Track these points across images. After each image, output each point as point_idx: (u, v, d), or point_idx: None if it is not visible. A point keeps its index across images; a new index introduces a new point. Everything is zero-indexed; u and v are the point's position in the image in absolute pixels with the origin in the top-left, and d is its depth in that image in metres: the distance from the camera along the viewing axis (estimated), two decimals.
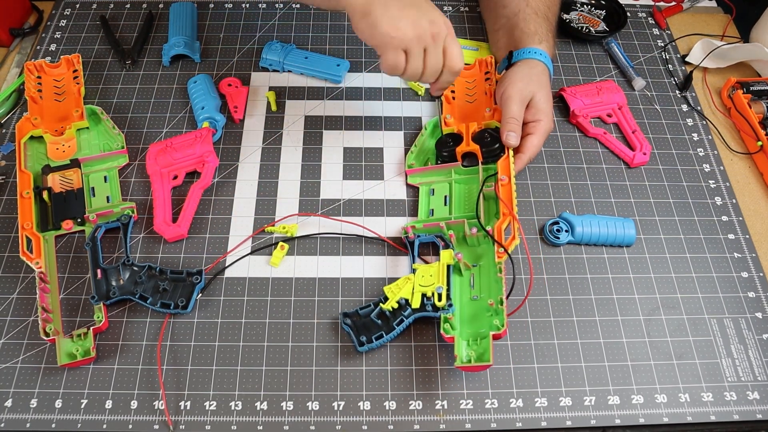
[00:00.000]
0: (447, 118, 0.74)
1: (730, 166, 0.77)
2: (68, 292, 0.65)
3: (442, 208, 0.70)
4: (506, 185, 0.66)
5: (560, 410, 0.59)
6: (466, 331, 0.60)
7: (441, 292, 0.61)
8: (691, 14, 0.95)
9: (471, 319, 0.61)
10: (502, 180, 0.66)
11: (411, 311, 0.61)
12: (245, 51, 0.86)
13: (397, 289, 0.62)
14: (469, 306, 0.62)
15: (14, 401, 0.58)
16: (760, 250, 0.70)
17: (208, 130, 0.74)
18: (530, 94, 0.71)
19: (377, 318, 0.61)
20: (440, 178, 0.72)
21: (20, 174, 0.68)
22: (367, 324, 0.61)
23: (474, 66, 0.80)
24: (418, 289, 0.62)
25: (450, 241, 0.66)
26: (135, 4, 0.91)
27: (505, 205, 0.65)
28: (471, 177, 0.71)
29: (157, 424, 0.57)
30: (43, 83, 0.78)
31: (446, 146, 0.72)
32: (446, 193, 0.71)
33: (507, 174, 0.67)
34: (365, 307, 0.62)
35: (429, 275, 0.62)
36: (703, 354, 0.63)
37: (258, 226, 0.69)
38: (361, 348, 0.60)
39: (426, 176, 0.73)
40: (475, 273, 0.64)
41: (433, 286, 0.61)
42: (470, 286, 0.63)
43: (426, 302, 0.61)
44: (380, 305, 0.61)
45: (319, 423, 0.58)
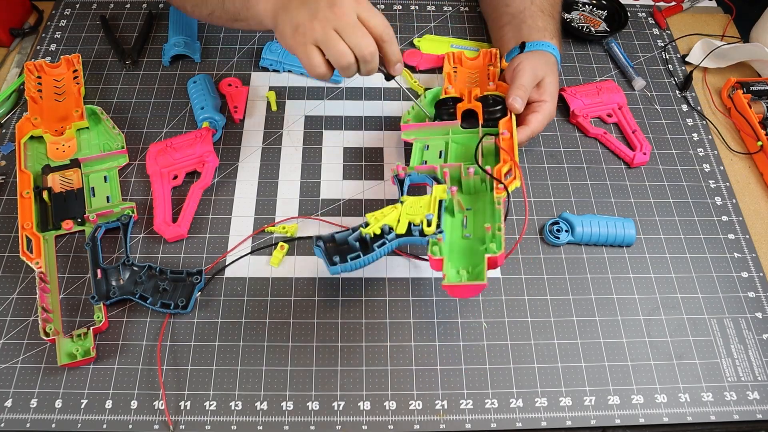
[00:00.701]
0: (448, 89, 0.73)
1: (730, 166, 0.77)
2: (68, 292, 0.65)
3: (436, 160, 0.67)
4: (507, 139, 0.64)
5: (560, 410, 0.59)
6: (456, 262, 0.57)
7: (431, 219, 0.56)
8: (691, 14, 0.95)
9: (462, 252, 0.58)
10: (503, 134, 0.65)
11: (395, 235, 0.56)
12: (245, 51, 0.86)
13: (381, 216, 0.57)
14: (460, 242, 0.59)
15: (14, 401, 0.58)
16: (760, 250, 0.70)
17: (208, 130, 0.74)
18: (542, 74, 0.71)
19: (355, 241, 0.56)
20: (437, 135, 0.70)
21: (20, 174, 0.68)
22: (342, 250, 0.56)
23: (478, 57, 0.79)
24: (405, 217, 0.57)
25: (444, 179, 0.62)
26: (135, 4, 0.91)
27: (507, 152, 0.62)
28: (468, 137, 0.69)
29: (157, 424, 0.57)
30: (43, 83, 0.78)
31: (446, 105, 0.70)
32: (441, 148, 0.68)
33: (508, 129, 0.65)
34: (341, 231, 0.57)
35: (419, 206, 0.58)
36: (703, 354, 0.63)
37: (258, 226, 0.69)
38: (332, 268, 0.55)
39: (422, 132, 0.70)
40: (468, 216, 0.61)
41: (422, 214, 0.57)
42: (463, 226, 0.60)
43: (413, 228, 0.56)
44: (360, 229, 0.56)
45: (319, 423, 0.58)
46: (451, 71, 0.78)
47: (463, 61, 0.79)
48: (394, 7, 0.92)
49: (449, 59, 0.80)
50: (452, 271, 0.55)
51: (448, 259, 0.56)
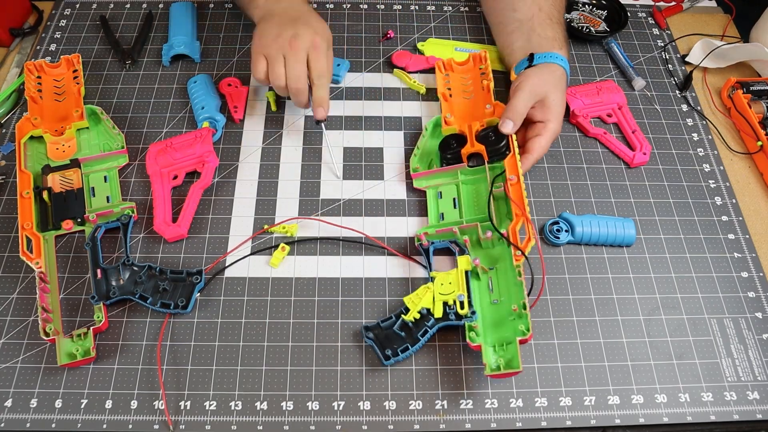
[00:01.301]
0: (447, 117, 0.73)
1: (730, 166, 0.77)
2: (68, 292, 0.65)
3: (452, 212, 0.69)
4: (515, 185, 0.66)
5: (560, 410, 0.59)
6: (491, 337, 0.60)
7: (463, 300, 0.60)
8: (691, 14, 0.95)
9: (494, 324, 0.61)
10: (511, 180, 0.66)
11: (434, 321, 0.60)
12: (245, 51, 0.86)
13: (417, 299, 0.61)
14: (490, 310, 0.62)
15: (14, 401, 0.58)
16: (760, 250, 0.70)
17: (208, 130, 0.74)
18: (544, 93, 0.71)
19: (400, 330, 0.61)
20: (447, 180, 0.71)
21: (20, 174, 0.68)
22: (390, 336, 0.61)
23: (468, 61, 0.79)
24: (439, 298, 0.61)
25: (465, 246, 0.65)
26: (135, 4, 0.91)
27: (517, 205, 0.64)
28: (478, 177, 0.70)
29: (157, 424, 0.57)
30: (43, 83, 0.78)
31: (450, 148, 0.71)
32: (454, 195, 0.70)
33: (515, 173, 0.66)
34: (387, 320, 0.62)
35: (448, 282, 0.62)
36: (703, 354, 0.63)
37: (258, 226, 0.69)
38: (387, 362, 0.59)
39: (432, 179, 0.72)
40: (492, 276, 0.64)
41: (453, 294, 0.61)
42: (489, 289, 0.63)
43: (448, 311, 0.61)
44: (402, 317, 0.61)
45: (319, 423, 0.58)
46: (445, 90, 0.78)
47: (453, 67, 0.80)
48: (394, 7, 0.92)
49: (440, 68, 0.80)
50: (492, 358, 0.58)
51: (484, 341, 0.59)
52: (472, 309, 0.60)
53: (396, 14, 0.91)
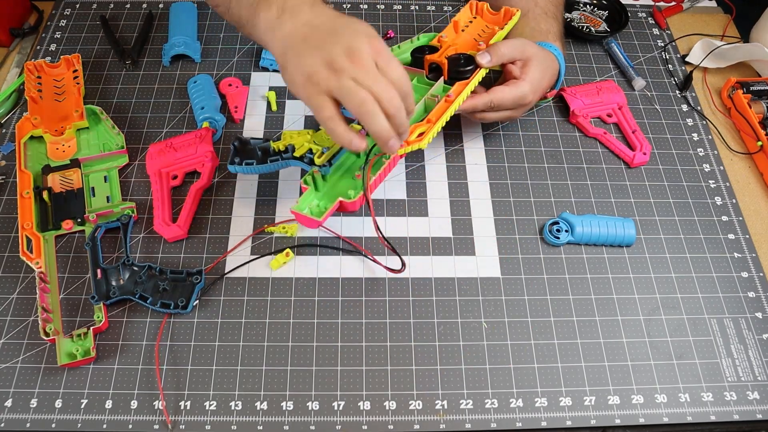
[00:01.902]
0: (442, 37, 0.72)
1: (730, 166, 0.77)
2: (68, 292, 0.65)
3: None
4: (449, 102, 0.64)
5: (560, 410, 0.59)
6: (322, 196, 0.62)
7: (325, 153, 0.62)
8: (691, 14, 0.95)
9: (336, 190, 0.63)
10: (448, 96, 0.64)
11: (291, 156, 0.63)
12: (245, 51, 0.86)
13: (294, 135, 0.64)
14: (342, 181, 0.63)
15: (14, 401, 0.58)
16: (760, 250, 0.70)
17: (208, 130, 0.74)
18: (530, 55, 0.69)
19: (259, 150, 0.64)
20: None
21: (20, 174, 0.68)
22: (249, 153, 0.65)
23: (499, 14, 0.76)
24: (309, 144, 0.63)
25: None
26: (135, 4, 0.91)
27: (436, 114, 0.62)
28: (427, 90, 0.68)
29: (157, 424, 0.57)
30: (43, 83, 0.78)
31: (420, 52, 0.71)
32: None
33: (455, 93, 0.65)
34: (258, 138, 0.66)
35: (327, 139, 0.64)
36: (703, 354, 0.63)
37: (258, 226, 0.69)
38: (230, 167, 0.64)
39: None
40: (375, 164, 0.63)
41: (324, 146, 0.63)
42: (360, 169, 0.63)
43: (308, 155, 0.63)
44: (270, 141, 0.64)
45: (319, 423, 0.58)
46: (466, 21, 0.75)
47: (484, 13, 0.77)
48: (394, 7, 0.92)
49: (471, 7, 0.77)
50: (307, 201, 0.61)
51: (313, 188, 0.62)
52: (330, 162, 0.62)
53: (396, 14, 0.91)
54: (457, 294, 0.65)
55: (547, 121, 0.80)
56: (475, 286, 0.66)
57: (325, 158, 0.61)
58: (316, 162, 0.61)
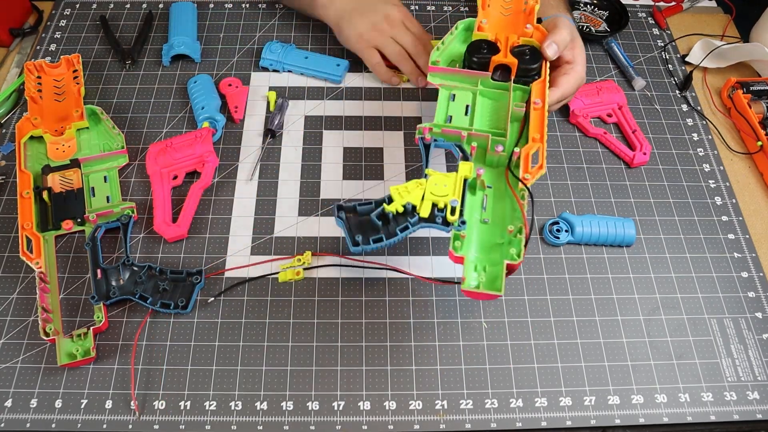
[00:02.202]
0: (482, 23, 0.67)
1: (730, 166, 0.77)
2: (68, 292, 0.65)
3: (462, 117, 0.64)
4: (539, 109, 0.61)
5: (560, 410, 0.59)
6: (475, 255, 0.55)
7: (456, 206, 0.54)
8: (691, 14, 0.95)
9: (481, 243, 0.56)
10: (535, 104, 0.61)
11: (418, 219, 0.54)
12: (245, 51, 0.86)
13: (405, 192, 0.55)
14: (478, 229, 0.57)
15: (14, 401, 0.58)
16: (760, 250, 0.70)
17: (208, 130, 0.74)
18: (576, 35, 0.71)
19: (377, 218, 0.54)
20: (465, 84, 0.66)
21: (20, 174, 0.68)
22: (364, 223, 0.55)
23: None
24: (429, 197, 0.55)
25: (470, 154, 0.60)
26: (135, 4, 0.91)
27: (536, 130, 0.59)
28: (498, 92, 0.65)
29: (157, 424, 0.57)
30: (43, 83, 0.78)
31: (479, 52, 0.65)
32: (468, 102, 0.65)
33: (541, 98, 0.62)
34: (365, 204, 0.55)
35: (443, 185, 0.55)
36: (703, 354, 0.63)
37: (258, 226, 0.69)
38: (354, 248, 0.54)
39: (449, 78, 0.66)
40: (489, 194, 0.59)
41: (446, 197, 0.54)
42: (482, 207, 0.58)
43: (437, 213, 0.54)
44: (383, 205, 0.54)
45: (319, 423, 0.58)
46: None
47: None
48: None
49: None
50: (472, 274, 0.53)
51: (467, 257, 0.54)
52: (463, 218, 0.54)
53: None
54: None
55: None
56: None
57: (458, 214, 0.54)
58: (450, 220, 0.53)
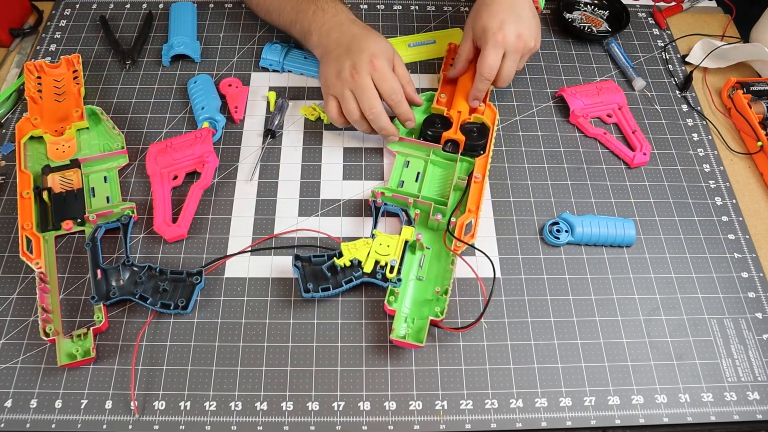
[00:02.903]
0: (441, 97, 0.77)
1: (730, 167, 0.77)
2: (68, 292, 0.65)
3: (412, 183, 0.72)
4: (478, 183, 0.69)
5: (560, 410, 0.59)
6: (409, 309, 0.63)
7: (394, 265, 0.63)
8: (691, 14, 0.95)
9: (414, 299, 0.64)
10: (476, 178, 0.70)
11: (362, 273, 0.63)
12: (245, 51, 0.86)
13: (354, 249, 0.64)
14: (414, 285, 0.65)
15: (14, 401, 0.58)
16: (760, 251, 0.70)
17: (208, 130, 0.74)
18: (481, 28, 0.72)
19: (328, 270, 0.63)
20: (419, 153, 0.74)
21: (20, 174, 0.68)
22: (316, 273, 0.64)
23: None
24: (374, 255, 0.63)
25: (413, 219, 0.68)
26: (135, 4, 0.91)
27: (473, 203, 0.68)
28: (447, 163, 0.73)
29: (157, 424, 0.57)
30: (43, 83, 0.78)
31: (433, 126, 0.74)
32: (420, 169, 0.73)
33: (482, 173, 0.70)
34: (319, 256, 0.64)
35: (387, 245, 0.64)
36: (703, 354, 0.63)
37: (258, 226, 0.69)
38: (305, 294, 0.62)
39: (406, 147, 0.74)
40: (426, 255, 0.67)
41: (388, 257, 0.63)
42: (419, 266, 0.66)
43: (378, 270, 0.63)
44: (333, 259, 0.63)
45: (319, 423, 0.58)
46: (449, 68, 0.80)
47: None
48: (394, 7, 0.92)
49: (450, 52, 0.84)
50: (402, 325, 0.61)
51: (399, 308, 0.62)
52: (399, 276, 0.63)
53: (396, 14, 0.91)
54: (457, 294, 0.65)
55: (547, 121, 0.80)
56: (475, 286, 0.66)
57: (396, 273, 0.63)
58: (389, 277, 0.62)
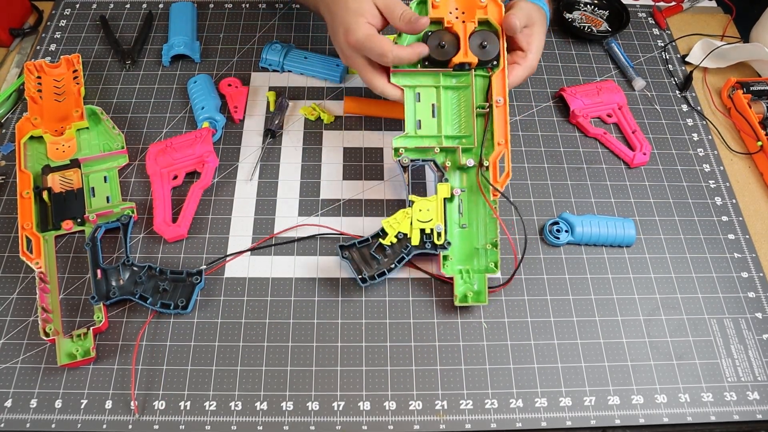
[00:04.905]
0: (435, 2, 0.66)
1: (730, 166, 0.77)
2: (68, 292, 0.65)
3: (430, 121, 0.67)
4: (501, 107, 0.65)
5: (560, 410, 0.59)
6: (458, 265, 0.63)
7: (440, 231, 0.62)
8: (691, 14, 0.95)
9: (462, 251, 0.63)
10: (497, 102, 0.65)
11: (411, 248, 0.62)
12: (245, 51, 0.86)
13: (396, 224, 0.63)
14: (459, 237, 0.64)
15: (14, 401, 0.58)
16: (760, 250, 0.70)
17: (208, 130, 0.74)
18: (534, 19, 0.68)
19: (376, 252, 0.63)
20: (427, 81, 0.67)
21: (20, 174, 0.68)
22: (366, 258, 0.63)
23: None
24: (417, 225, 0.62)
25: (444, 169, 0.65)
26: (135, 4, 0.91)
27: (501, 133, 0.64)
28: (461, 84, 0.67)
29: (157, 424, 0.58)
30: (43, 83, 0.78)
31: (437, 48, 0.66)
32: (433, 100, 0.67)
33: (502, 94, 0.65)
34: (363, 241, 0.63)
35: (426, 209, 0.63)
36: (703, 354, 0.63)
37: (258, 226, 0.69)
38: (364, 284, 0.62)
39: (412, 78, 0.67)
40: (464, 198, 0.65)
41: (431, 222, 0.62)
42: (459, 212, 0.65)
43: (425, 240, 0.62)
44: (379, 240, 0.62)
45: (319, 423, 0.58)
46: None
47: None
48: None
49: None
50: (460, 286, 0.62)
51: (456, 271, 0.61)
52: (448, 240, 0.62)
53: None
54: None
55: (547, 121, 0.80)
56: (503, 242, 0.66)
57: (443, 237, 0.62)
58: (437, 242, 0.62)
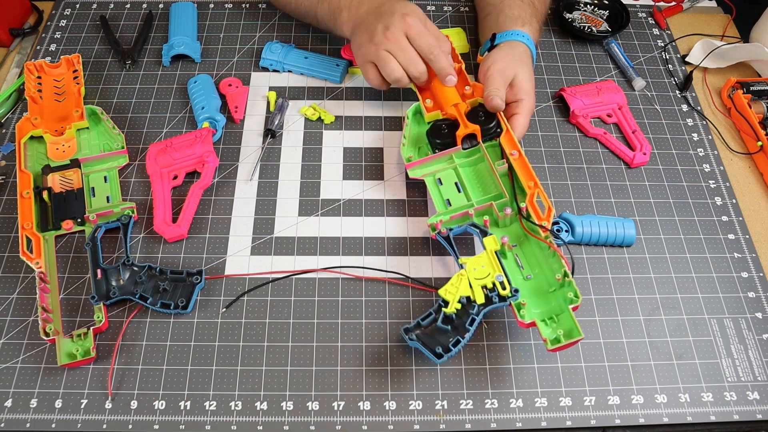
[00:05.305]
0: (426, 103, 0.71)
1: (730, 166, 0.77)
2: (68, 292, 0.65)
3: (457, 196, 0.68)
4: (519, 158, 0.66)
5: (560, 410, 0.59)
6: (535, 309, 0.59)
7: (503, 280, 0.59)
8: (691, 14, 0.95)
9: (533, 300, 0.60)
10: (512, 155, 0.66)
11: (479, 307, 0.58)
12: (245, 51, 0.86)
13: (454, 289, 0.59)
14: (525, 287, 0.61)
15: (14, 401, 0.58)
16: (760, 250, 0.70)
17: (208, 130, 0.74)
18: (512, 73, 0.71)
19: (444, 324, 0.59)
20: (443, 165, 0.70)
21: (20, 174, 0.68)
22: (434, 333, 0.59)
23: None
24: (476, 283, 0.59)
25: (485, 226, 0.65)
26: (135, 4, 0.91)
27: (528, 177, 0.64)
28: (475, 158, 0.70)
29: (157, 424, 0.57)
30: (43, 83, 0.78)
31: (441, 133, 0.70)
32: (455, 179, 0.69)
33: (515, 147, 0.67)
34: (426, 317, 0.59)
35: (480, 266, 0.60)
36: (703, 354, 0.63)
37: (258, 226, 0.69)
38: (440, 360, 0.57)
39: (427, 167, 0.70)
40: (518, 252, 0.63)
41: (490, 276, 0.59)
42: (518, 266, 0.63)
43: (490, 294, 0.59)
44: (442, 310, 0.59)
45: (319, 423, 0.58)
46: None
47: None
48: None
49: None
50: (547, 330, 0.57)
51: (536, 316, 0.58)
52: (514, 288, 0.59)
53: None
54: None
55: (547, 121, 0.80)
56: None
57: (508, 286, 0.58)
58: (503, 294, 0.58)
